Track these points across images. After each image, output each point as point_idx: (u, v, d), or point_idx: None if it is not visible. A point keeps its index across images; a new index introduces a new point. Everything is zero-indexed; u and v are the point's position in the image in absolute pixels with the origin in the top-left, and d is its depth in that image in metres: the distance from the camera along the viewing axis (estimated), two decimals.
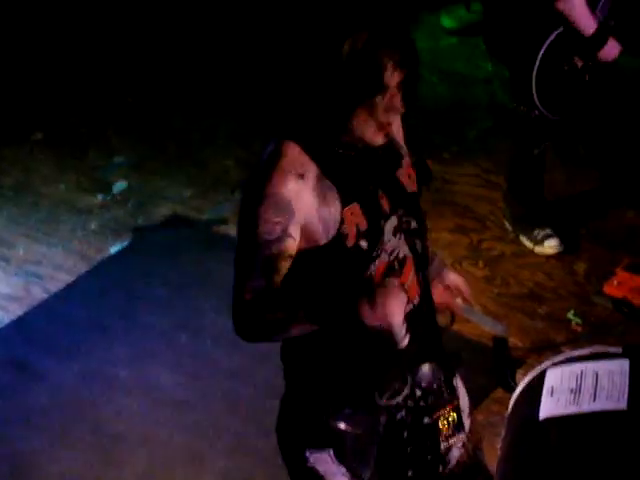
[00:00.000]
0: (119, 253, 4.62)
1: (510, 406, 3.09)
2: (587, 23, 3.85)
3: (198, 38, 5.75)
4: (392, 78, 2.18)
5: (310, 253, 2.28)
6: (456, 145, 4.90)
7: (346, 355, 2.41)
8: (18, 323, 4.29)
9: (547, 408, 2.84)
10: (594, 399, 2.76)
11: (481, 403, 3.69)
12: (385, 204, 2.33)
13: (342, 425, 2.46)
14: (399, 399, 2.46)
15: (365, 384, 2.44)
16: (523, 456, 2.84)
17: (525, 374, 3.35)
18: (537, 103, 3.95)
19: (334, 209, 2.27)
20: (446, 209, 4.60)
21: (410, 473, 2.53)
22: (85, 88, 5.59)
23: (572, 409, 2.77)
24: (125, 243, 4.66)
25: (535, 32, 3.85)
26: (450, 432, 2.55)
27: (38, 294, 4.42)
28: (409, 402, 2.48)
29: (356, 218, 2.29)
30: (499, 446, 3.02)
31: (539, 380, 2.99)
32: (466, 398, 2.62)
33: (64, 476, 3.63)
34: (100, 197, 4.93)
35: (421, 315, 2.49)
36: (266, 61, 5.45)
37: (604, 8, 3.90)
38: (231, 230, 4.66)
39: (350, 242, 2.29)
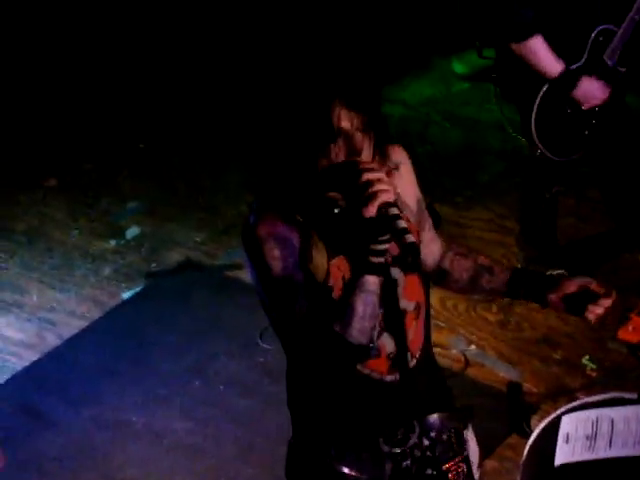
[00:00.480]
0: (132, 299, 4.62)
1: (525, 452, 3.07)
2: (548, 66, 3.86)
3: (207, 86, 5.79)
4: (342, 122, 2.18)
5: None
6: (469, 189, 4.91)
7: (351, 399, 2.39)
8: (31, 369, 4.28)
9: (563, 455, 2.81)
10: (610, 446, 2.74)
11: (495, 449, 3.66)
12: None
13: (346, 469, 2.45)
14: (404, 447, 2.44)
15: (369, 429, 2.43)
16: None
17: (540, 420, 3.33)
18: (537, 143, 3.96)
19: (321, 259, 2.27)
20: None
21: None
22: (97, 135, 5.63)
23: (588, 456, 2.74)
24: (138, 288, 4.66)
25: (538, 76, 3.87)
26: None
27: (51, 340, 4.42)
28: (415, 451, 2.46)
29: (342, 271, 2.29)
30: None
31: (554, 426, 2.97)
32: (477, 450, 2.59)
33: None
34: (113, 243, 4.94)
35: (425, 367, 2.47)
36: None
37: (613, 55, 3.91)
38: (243, 275, 4.66)
39: (336, 294, 2.28)
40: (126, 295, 4.64)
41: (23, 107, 5.83)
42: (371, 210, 2.15)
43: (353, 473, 2.45)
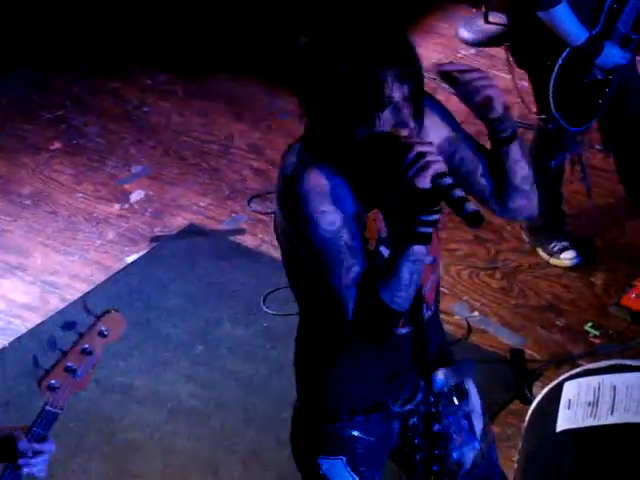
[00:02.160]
0: (136, 262, 4.62)
1: (527, 419, 3.08)
2: (574, 33, 3.84)
3: (211, 46, 5.75)
4: (394, 92, 2.17)
5: None
6: None
7: (365, 354, 2.40)
8: (35, 332, 4.30)
9: (564, 421, 2.82)
10: (612, 412, 2.75)
11: (497, 415, 3.67)
12: None
13: (355, 433, 2.46)
14: (412, 405, 2.46)
15: (379, 388, 2.44)
16: (540, 469, 2.83)
17: (542, 387, 3.35)
18: (555, 114, 3.94)
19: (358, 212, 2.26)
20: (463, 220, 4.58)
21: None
22: (102, 98, 5.61)
23: (589, 422, 2.75)
24: (142, 253, 4.67)
25: (556, 42, 3.84)
26: (462, 439, 2.54)
27: (55, 303, 4.43)
28: (421, 408, 2.48)
29: (378, 224, 2.29)
30: (516, 459, 3.01)
31: (556, 393, 2.98)
32: (478, 400, 2.61)
33: None
34: (117, 206, 4.94)
35: (435, 321, 2.48)
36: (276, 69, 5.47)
37: (627, 22, 3.89)
38: (247, 240, 4.66)
39: (371, 246, 2.28)
40: (130, 259, 4.64)
41: (27, 68, 5.81)
42: (424, 181, 2.14)
43: (363, 435, 2.47)
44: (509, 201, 2.45)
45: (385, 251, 2.30)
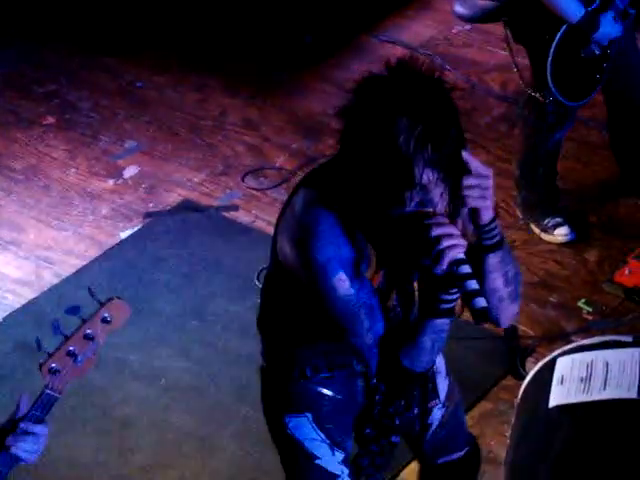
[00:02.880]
0: (130, 238, 4.61)
1: (520, 394, 3.09)
2: (572, 9, 3.82)
3: (205, 21, 5.73)
4: (424, 176, 2.11)
5: None
6: (468, 132, 4.88)
7: (322, 321, 2.41)
8: (28, 307, 4.29)
9: (557, 396, 2.83)
10: (604, 388, 2.75)
11: (490, 391, 3.68)
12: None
13: (320, 389, 2.50)
14: None
15: (343, 352, 2.47)
16: (532, 444, 2.84)
17: (535, 362, 3.35)
18: (553, 89, 3.93)
19: (370, 273, 2.28)
20: None
21: (383, 438, 2.56)
22: (96, 73, 5.59)
23: (582, 398, 2.76)
24: (136, 228, 4.66)
25: (553, 17, 3.83)
26: (426, 400, 2.58)
27: (49, 279, 4.42)
28: None
29: (377, 282, 2.32)
30: (508, 434, 3.02)
31: (549, 368, 2.98)
32: (442, 361, 2.64)
33: (73, 460, 3.64)
34: (111, 182, 4.93)
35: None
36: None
37: None
38: (241, 216, 4.66)
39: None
40: (124, 235, 4.64)
41: (20, 42, 5.78)
42: (440, 269, 2.15)
43: (328, 392, 2.51)
44: None
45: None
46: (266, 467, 3.52)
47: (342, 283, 2.22)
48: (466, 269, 2.15)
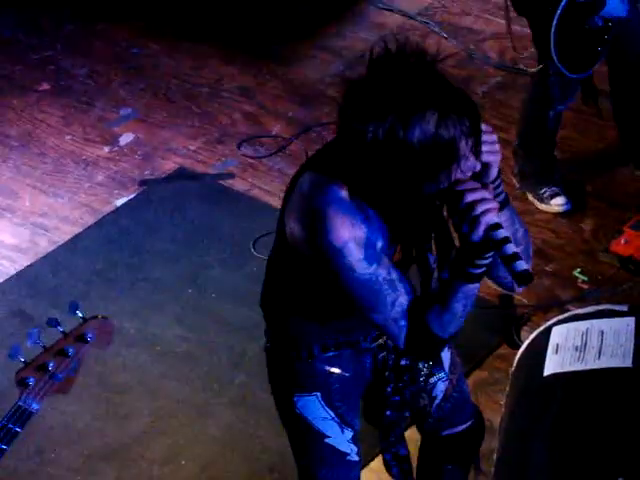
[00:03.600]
0: (125, 206, 4.60)
1: (515, 363, 3.10)
2: None
3: None
4: (465, 148, 2.12)
5: None
6: None
7: (332, 300, 2.40)
8: (24, 274, 4.29)
9: (552, 365, 2.84)
10: (599, 356, 2.76)
11: (485, 359, 3.69)
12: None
13: (328, 367, 2.49)
14: (381, 341, 2.50)
15: (350, 329, 2.46)
16: (527, 412, 2.85)
17: (530, 331, 3.36)
18: (556, 60, 3.91)
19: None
20: None
21: (389, 411, 2.56)
22: (91, 40, 5.55)
23: (577, 366, 2.77)
24: (131, 196, 4.65)
25: None
26: (429, 370, 2.57)
27: (44, 246, 4.42)
28: (389, 342, 2.51)
29: (395, 257, 2.30)
30: (503, 402, 3.03)
31: (544, 337, 2.99)
32: None
33: (69, 427, 3.65)
34: (106, 149, 4.91)
35: None
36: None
37: None
38: (237, 184, 4.65)
39: None
40: (119, 202, 4.62)
41: (14, 9, 5.74)
42: (477, 235, 2.14)
43: (336, 370, 2.49)
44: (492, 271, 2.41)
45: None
46: (261, 434, 3.54)
47: (359, 263, 2.20)
48: (502, 233, 2.14)
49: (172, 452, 3.54)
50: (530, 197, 4.36)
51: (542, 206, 4.32)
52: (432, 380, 2.59)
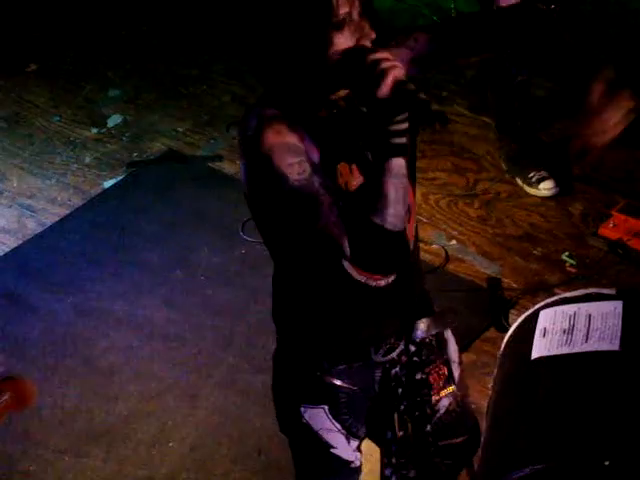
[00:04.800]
0: (113, 187, 4.60)
1: (502, 346, 3.10)
2: None
3: None
4: (342, 7, 2.08)
5: None
6: (454, 84, 4.86)
7: (341, 311, 2.38)
8: (11, 256, 4.28)
9: (539, 348, 2.84)
10: (586, 340, 2.77)
11: (473, 342, 3.70)
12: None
13: (337, 381, 2.45)
14: (394, 355, 2.46)
15: (361, 340, 2.43)
16: (514, 396, 2.85)
17: (518, 315, 3.37)
18: None
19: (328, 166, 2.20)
20: (443, 149, 4.58)
21: (400, 430, 2.55)
22: (80, 21, 5.53)
23: (564, 350, 2.77)
24: (119, 178, 4.64)
25: None
26: (441, 385, 2.55)
27: (32, 227, 4.41)
28: (403, 358, 2.48)
29: (345, 177, 2.23)
30: (490, 385, 3.04)
31: (532, 321, 3.00)
32: (456, 349, 2.61)
33: (56, 408, 3.65)
34: (95, 131, 4.90)
35: (415, 269, 2.46)
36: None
37: None
38: (226, 167, 4.64)
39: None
40: (107, 184, 4.62)
41: None
42: (385, 89, 2.06)
43: (345, 384, 2.47)
44: None
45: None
46: (249, 416, 3.54)
47: (291, 168, 2.11)
48: (412, 86, 2.07)
49: (160, 434, 3.55)
50: (518, 181, 4.37)
51: (530, 190, 4.33)
52: (441, 394, 2.55)
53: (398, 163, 2.13)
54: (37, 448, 3.53)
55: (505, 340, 3.10)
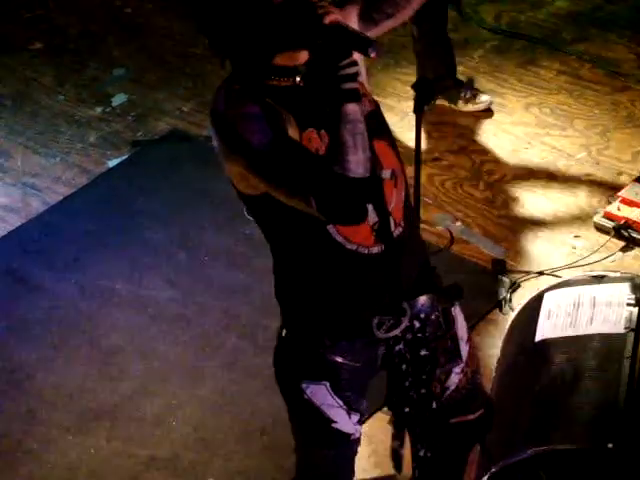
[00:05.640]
0: (118, 167, 4.58)
1: (507, 328, 3.11)
2: None
3: None
4: None
5: None
6: (461, 65, 4.84)
7: (340, 279, 2.38)
8: (16, 234, 4.28)
9: (544, 331, 2.84)
10: (591, 322, 2.77)
11: (477, 324, 3.70)
12: None
13: (339, 358, 2.46)
14: (397, 331, 2.45)
15: (361, 313, 2.43)
16: (518, 378, 2.86)
17: (523, 297, 3.36)
18: None
19: (294, 134, 2.25)
20: (449, 130, 4.56)
21: (407, 407, 2.55)
22: None
23: (569, 332, 2.77)
24: (124, 157, 4.63)
25: None
26: (447, 361, 2.55)
27: (36, 206, 4.40)
28: (407, 335, 2.48)
29: (314, 144, 2.27)
30: (494, 367, 3.04)
31: (537, 303, 3.00)
32: (464, 326, 2.60)
33: (60, 387, 3.65)
34: (99, 110, 4.88)
35: (411, 239, 2.45)
36: None
37: None
38: None
39: None
40: (112, 163, 4.60)
41: None
42: (326, 23, 2.17)
43: (347, 361, 2.47)
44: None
45: None
46: (252, 396, 3.54)
47: (253, 135, 2.20)
48: (351, 27, 2.22)
49: (163, 413, 3.55)
50: (459, 104, 4.44)
51: (469, 107, 4.43)
52: (448, 369, 2.55)
53: (352, 108, 2.19)
54: (41, 427, 3.54)
55: (509, 322, 3.10)
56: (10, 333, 3.86)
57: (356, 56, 2.23)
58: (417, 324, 2.48)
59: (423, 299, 2.47)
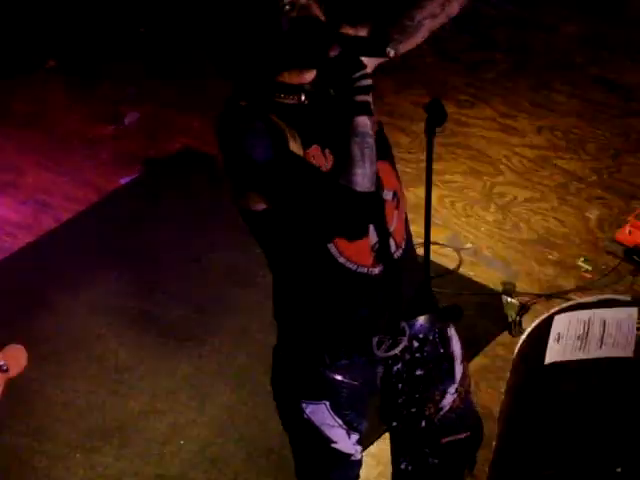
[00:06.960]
0: (130, 184, 4.60)
1: (516, 350, 3.10)
2: None
3: None
4: None
5: None
6: (473, 87, 4.85)
7: (340, 299, 2.39)
8: (27, 251, 4.29)
9: (553, 354, 2.83)
10: (601, 346, 2.76)
11: (487, 346, 3.69)
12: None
13: (338, 377, 2.45)
14: (396, 351, 2.45)
15: (363, 335, 2.43)
16: (528, 400, 2.85)
17: (533, 320, 3.36)
18: None
19: (298, 151, 2.25)
20: (460, 152, 4.57)
21: (396, 423, 2.55)
22: (99, 17, 5.54)
23: (578, 355, 2.76)
24: (136, 175, 4.64)
25: None
26: (442, 381, 2.55)
27: (47, 223, 4.42)
28: (406, 355, 2.48)
29: (317, 160, 2.27)
30: (503, 390, 3.03)
31: (547, 326, 2.99)
32: (459, 346, 2.60)
33: (68, 405, 3.66)
34: (112, 127, 4.91)
35: (410, 260, 2.45)
36: None
37: None
38: None
39: None
40: (124, 181, 4.62)
41: None
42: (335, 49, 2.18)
43: (346, 380, 2.47)
44: None
45: None
46: (260, 416, 3.54)
47: (259, 151, 2.20)
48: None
49: (171, 432, 3.55)
50: None
51: None
52: (442, 389, 2.55)
53: (363, 121, 2.19)
54: (48, 444, 3.54)
55: (519, 345, 3.09)
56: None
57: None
58: (415, 344, 2.48)
59: (422, 319, 2.47)
